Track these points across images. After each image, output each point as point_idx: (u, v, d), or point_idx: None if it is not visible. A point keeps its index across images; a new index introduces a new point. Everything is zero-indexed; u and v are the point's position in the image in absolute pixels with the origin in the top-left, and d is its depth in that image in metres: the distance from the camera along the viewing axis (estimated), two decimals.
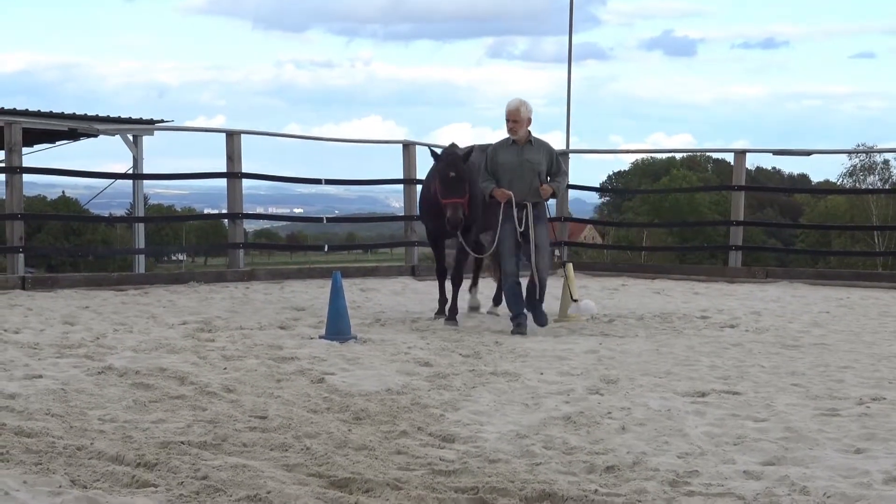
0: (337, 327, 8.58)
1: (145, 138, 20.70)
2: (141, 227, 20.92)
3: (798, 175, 76.61)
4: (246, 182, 14.30)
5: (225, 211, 14.52)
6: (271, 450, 4.93)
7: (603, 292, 13.18)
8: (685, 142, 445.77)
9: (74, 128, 17.24)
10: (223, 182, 14.19)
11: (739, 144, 47.90)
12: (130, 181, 21.10)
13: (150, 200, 55.58)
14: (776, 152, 16.68)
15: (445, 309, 10.17)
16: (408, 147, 15.33)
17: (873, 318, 10.91)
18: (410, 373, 7.15)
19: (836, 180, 57.18)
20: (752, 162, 66.15)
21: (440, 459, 4.86)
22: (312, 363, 7.42)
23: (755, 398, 6.43)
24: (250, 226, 54.37)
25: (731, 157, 16.70)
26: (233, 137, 13.95)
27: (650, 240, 55.80)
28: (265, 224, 74.09)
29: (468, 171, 9.72)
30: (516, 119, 9.49)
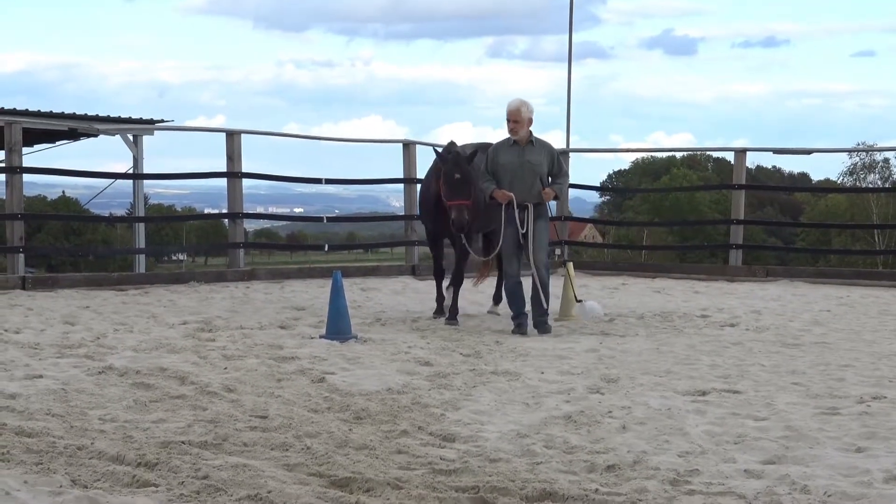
0: (337, 327, 8.58)
1: (145, 138, 20.69)
2: (141, 227, 20.92)
3: (798, 174, 76.67)
4: (246, 182, 14.29)
5: (225, 211, 14.52)
6: (272, 449, 4.93)
7: (603, 291, 13.18)
8: (685, 141, 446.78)
9: (74, 127, 17.21)
10: (223, 182, 14.19)
11: (740, 143, 47.83)
12: (130, 181, 21.08)
13: (150, 200, 55.55)
14: (776, 151, 16.66)
15: (444, 308, 10.16)
16: (408, 146, 15.30)
17: (874, 316, 10.90)
18: (411, 372, 7.15)
19: (836, 179, 57.29)
20: (752, 161, 66.12)
21: (441, 459, 4.86)
22: (313, 363, 7.42)
23: (756, 397, 6.43)
24: (250, 225, 54.39)
25: (731, 156, 16.68)
26: (233, 137, 13.94)
27: (650, 239, 55.83)
28: (265, 224, 74.12)
29: (472, 172, 9.67)
30: (517, 119, 9.43)
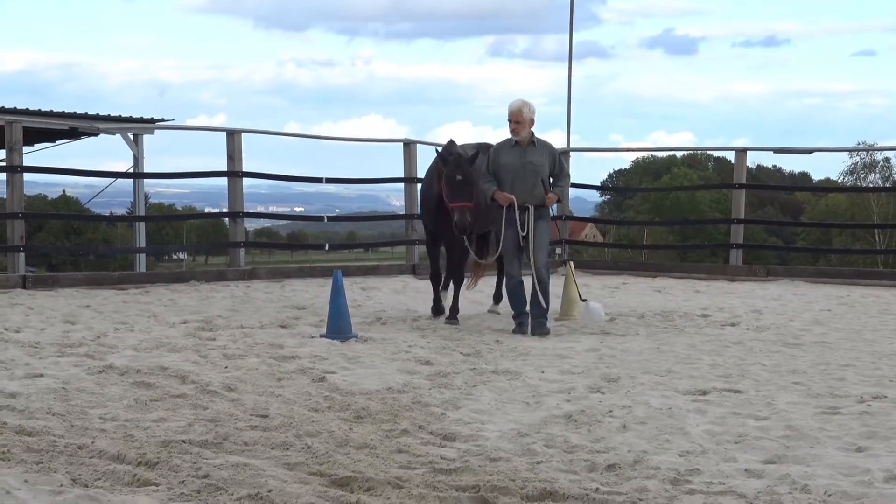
0: (338, 326, 8.58)
1: (146, 137, 20.68)
2: (142, 226, 20.91)
3: (799, 173, 76.61)
4: (247, 181, 14.28)
5: (226, 210, 14.51)
6: (272, 448, 4.93)
7: (604, 290, 13.17)
8: (686, 140, 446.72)
9: (75, 126, 17.20)
10: (224, 181, 14.18)
11: (740, 142, 47.76)
12: (131, 180, 21.06)
13: (150, 199, 55.55)
14: (777, 150, 16.65)
15: (443, 308, 10.15)
16: (408, 145, 15.28)
17: (874, 316, 10.90)
18: (411, 371, 7.15)
19: (836, 178, 57.29)
20: (752, 160, 66.15)
21: (441, 458, 4.86)
22: (313, 362, 7.42)
23: (756, 396, 6.43)
24: (251, 224, 54.40)
25: (731, 156, 16.67)
26: (233, 136, 13.93)
27: (651, 238, 55.86)
28: (266, 223, 74.16)
29: (475, 173, 9.62)
30: (519, 120, 9.38)
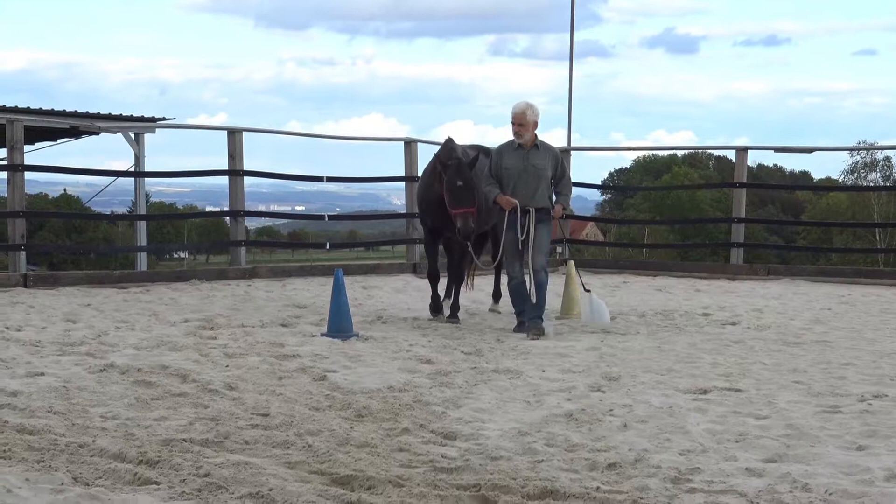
0: (339, 325, 8.58)
1: (147, 136, 20.67)
2: (142, 225, 20.90)
3: (800, 172, 76.52)
4: (247, 180, 14.28)
5: (226, 209, 14.52)
6: (273, 447, 4.93)
7: (604, 289, 13.17)
8: (687, 139, 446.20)
9: (76, 125, 17.20)
10: (225, 180, 14.18)
11: (741, 141, 47.69)
12: (132, 179, 21.05)
13: (151, 198, 55.60)
14: (778, 149, 16.65)
15: (440, 305, 10.14)
16: (409, 144, 15.27)
17: (875, 314, 10.90)
18: (412, 370, 7.15)
19: (837, 177, 57.32)
20: (753, 159, 66.18)
21: (442, 457, 4.86)
22: (314, 361, 7.42)
23: (757, 395, 6.44)
24: (252, 223, 54.43)
25: (732, 155, 16.65)
26: (234, 135, 13.94)
27: (652, 237, 55.87)
28: (267, 222, 74.11)
29: (475, 177, 9.51)
30: (522, 122, 9.28)
